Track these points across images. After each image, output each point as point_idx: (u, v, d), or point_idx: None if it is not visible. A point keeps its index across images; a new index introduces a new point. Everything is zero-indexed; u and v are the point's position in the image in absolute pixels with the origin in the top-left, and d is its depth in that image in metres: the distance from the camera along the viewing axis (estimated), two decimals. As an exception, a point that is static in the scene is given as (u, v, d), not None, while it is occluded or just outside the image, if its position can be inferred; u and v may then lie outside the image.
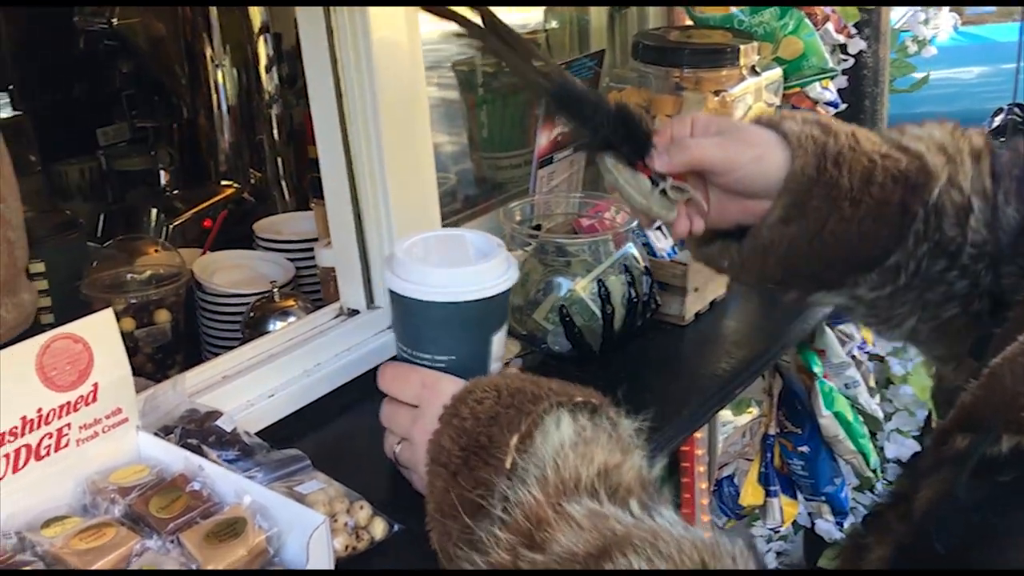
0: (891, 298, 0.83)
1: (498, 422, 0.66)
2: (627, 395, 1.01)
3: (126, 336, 1.22)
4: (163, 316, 1.23)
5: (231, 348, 1.09)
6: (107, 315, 0.79)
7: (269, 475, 0.84)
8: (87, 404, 0.78)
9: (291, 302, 1.17)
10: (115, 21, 1.70)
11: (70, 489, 0.78)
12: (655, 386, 1.05)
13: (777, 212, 0.82)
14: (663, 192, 0.83)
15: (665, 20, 1.55)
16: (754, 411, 1.55)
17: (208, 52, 1.85)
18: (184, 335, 1.27)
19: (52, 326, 1.28)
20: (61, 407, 0.76)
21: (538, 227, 1.14)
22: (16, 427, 0.74)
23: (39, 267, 1.24)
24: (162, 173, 1.89)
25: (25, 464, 0.75)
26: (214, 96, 1.88)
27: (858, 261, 0.82)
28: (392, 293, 0.82)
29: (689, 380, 1.06)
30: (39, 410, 0.75)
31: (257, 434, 0.91)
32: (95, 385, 0.78)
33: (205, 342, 1.29)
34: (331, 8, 1.00)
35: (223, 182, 1.90)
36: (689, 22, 1.44)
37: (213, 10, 1.81)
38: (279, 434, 0.95)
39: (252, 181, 1.93)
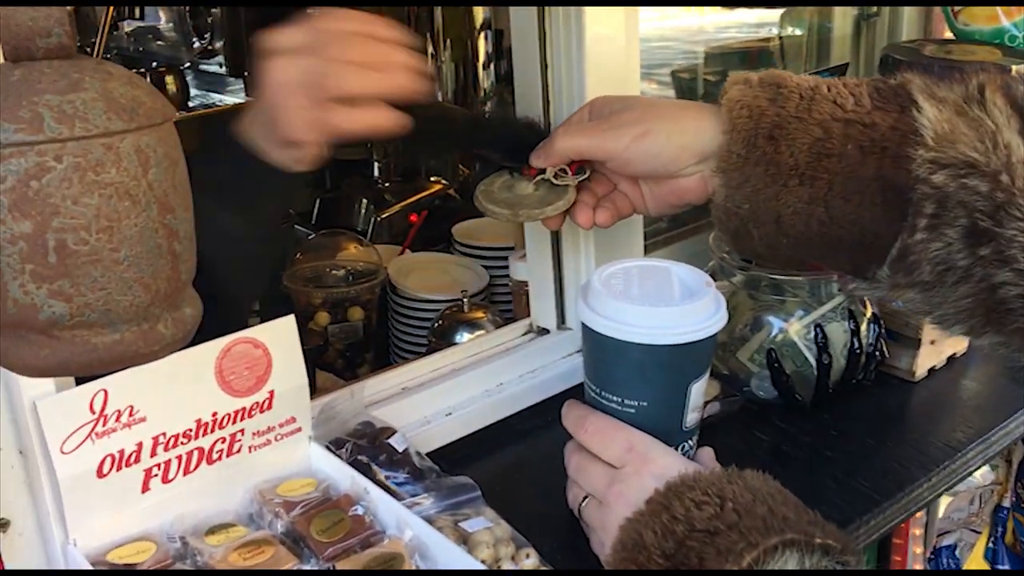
0: (929, 296, 0.69)
1: (715, 543, 0.58)
2: (837, 458, 0.90)
3: (319, 330, 1.22)
4: (357, 314, 1.22)
5: (419, 354, 1.06)
6: (288, 322, 0.77)
7: (437, 503, 0.79)
8: (262, 411, 0.76)
9: (480, 314, 1.13)
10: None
11: (238, 496, 0.76)
12: (872, 451, 0.92)
13: (719, 195, 0.74)
14: (549, 184, 0.81)
15: (920, 31, 1.39)
16: (987, 476, 1.37)
17: (428, 46, 1.85)
18: (376, 335, 1.26)
19: (257, 315, 1.32)
20: (236, 412, 0.75)
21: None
22: (190, 429, 0.73)
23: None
24: (375, 164, 1.92)
25: (196, 467, 0.74)
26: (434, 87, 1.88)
27: (852, 248, 0.71)
28: (584, 327, 0.75)
29: (915, 448, 0.93)
30: (214, 414, 0.74)
31: (429, 454, 0.87)
32: (271, 392, 0.76)
33: (394, 344, 1.27)
34: (546, 7, 0.95)
35: (432, 178, 1.90)
36: (949, 35, 1.27)
37: (437, 9, 1.81)
38: (452, 456, 0.91)
39: (460, 179, 1.92)
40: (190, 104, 1.89)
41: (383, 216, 1.77)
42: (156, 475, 0.72)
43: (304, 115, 0.69)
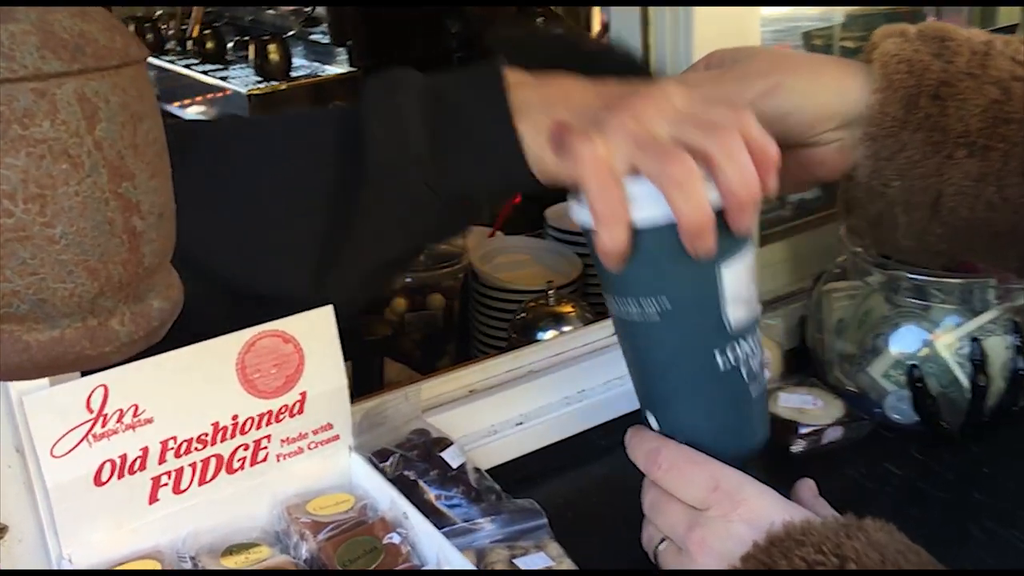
0: None
1: None
2: (989, 503, 0.74)
3: (396, 318, 1.12)
4: (437, 301, 1.11)
5: (502, 350, 0.94)
6: (325, 313, 0.66)
7: (494, 531, 0.68)
8: (292, 415, 0.66)
9: (569, 308, 1.00)
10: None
11: (264, 511, 0.66)
12: (1034, 499, 0.75)
13: (864, 169, 0.62)
14: None
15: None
16: None
17: (537, 14, 1.72)
18: (458, 325, 1.15)
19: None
20: (261, 416, 0.65)
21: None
22: (206, 434, 0.63)
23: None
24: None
25: (214, 477, 0.64)
26: (540, 62, 1.75)
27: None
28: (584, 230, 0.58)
29: (1086, 496, 0.75)
30: (234, 417, 0.64)
31: (492, 471, 0.75)
32: (303, 394, 0.66)
33: (475, 337, 1.16)
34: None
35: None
36: None
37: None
38: (518, 473, 0.79)
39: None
40: (292, 74, 1.83)
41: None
42: (166, 484, 0.62)
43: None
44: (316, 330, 0.66)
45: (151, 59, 2.14)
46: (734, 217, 0.53)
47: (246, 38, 1.83)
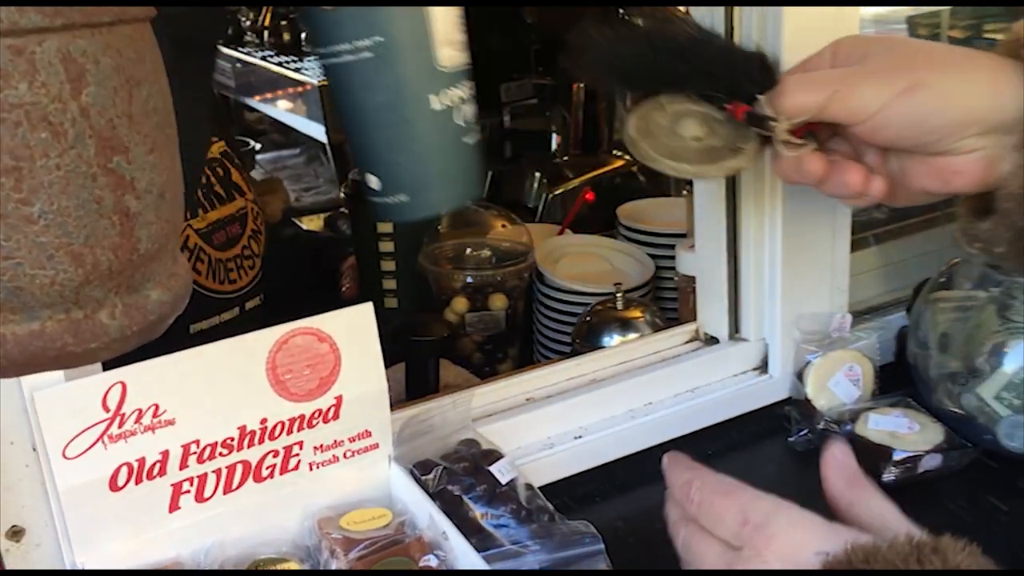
0: None
1: None
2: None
3: (457, 319, 1.07)
4: (499, 301, 1.05)
5: (565, 355, 0.88)
6: (364, 311, 0.61)
7: (543, 555, 0.62)
8: (326, 421, 0.61)
9: (637, 312, 0.93)
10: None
11: (294, 523, 0.61)
12: None
13: (1017, 180, 0.55)
14: (731, 129, 0.59)
15: None
16: None
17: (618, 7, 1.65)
18: (522, 327, 1.09)
19: (395, 297, 1.19)
20: (293, 420, 0.60)
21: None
22: (232, 438, 0.58)
23: (386, 226, 1.13)
24: (553, 136, 1.74)
25: (241, 485, 0.59)
26: (619, 56, 1.68)
27: None
28: None
29: None
30: (263, 421, 0.59)
31: (546, 488, 0.69)
32: (338, 398, 0.61)
33: (538, 341, 1.10)
34: None
35: (615, 152, 1.70)
36: None
37: (630, -42, 1.60)
38: (575, 491, 0.72)
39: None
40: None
41: (556, 193, 1.60)
42: (188, 491, 0.58)
43: None
44: (354, 328, 0.61)
45: (230, 50, 2.14)
46: None
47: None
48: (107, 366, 0.55)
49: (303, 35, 1.89)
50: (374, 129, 0.59)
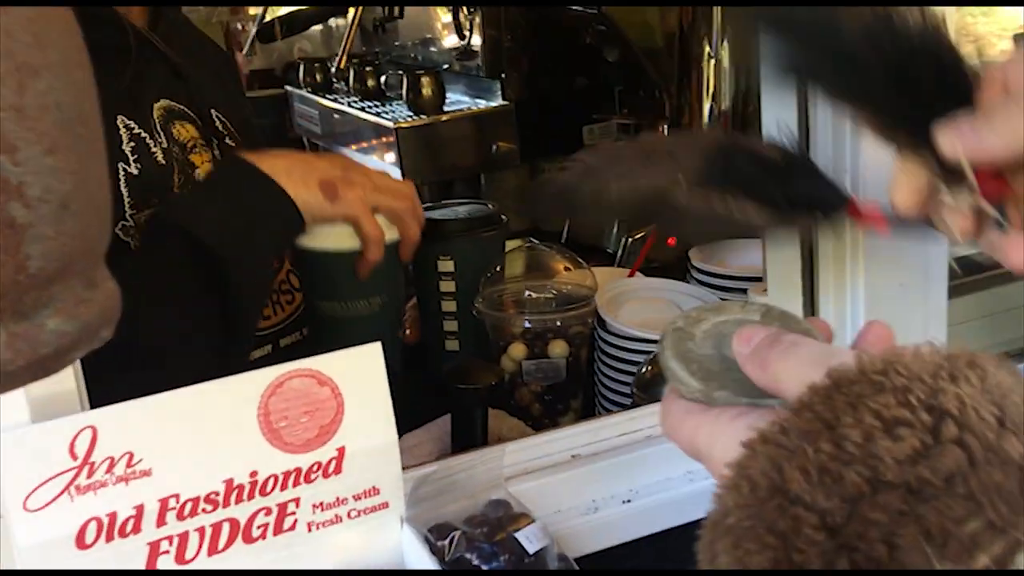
0: None
1: (924, 517, 0.28)
2: None
3: (513, 366, 0.99)
4: (559, 348, 0.97)
5: (626, 407, 0.80)
6: (371, 352, 0.54)
7: (572, 640, 0.53)
8: (327, 475, 0.54)
9: (705, 362, 0.83)
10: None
11: (290, 591, 0.55)
12: None
13: None
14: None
15: None
16: None
17: (705, 44, 1.57)
18: (585, 376, 1.01)
19: (456, 340, 1.12)
20: (288, 474, 0.53)
21: None
22: (217, 492, 0.52)
23: (447, 264, 1.07)
24: (636, 179, 1.66)
25: (227, 546, 0.53)
26: (705, 95, 1.60)
27: None
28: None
29: None
30: (254, 474, 0.53)
31: (585, 558, 0.61)
32: (341, 450, 0.54)
33: (600, 393, 1.01)
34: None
35: (701, 195, 1.61)
36: None
37: (717, -8, 1.53)
38: (620, 564, 0.64)
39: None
40: (445, 108, 1.76)
41: (636, 237, 1.51)
42: (166, 552, 0.51)
43: None
44: (360, 371, 0.54)
45: (317, 97, 2.15)
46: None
47: (400, 72, 1.78)
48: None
49: (384, 79, 1.87)
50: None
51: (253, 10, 2.90)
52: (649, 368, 0.86)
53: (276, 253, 0.92)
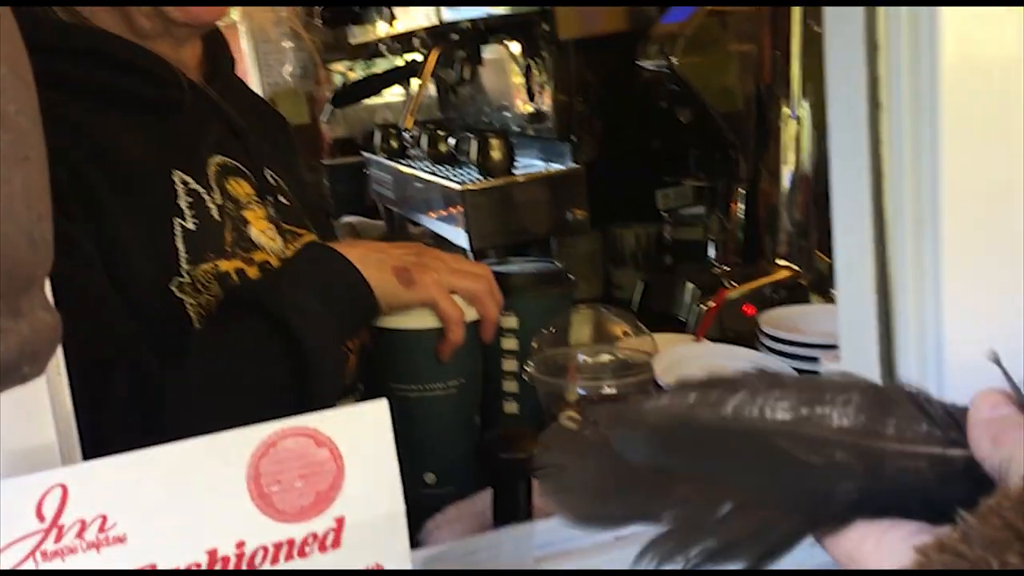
0: None
1: None
2: None
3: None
4: (616, 419, 0.91)
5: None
6: (377, 410, 0.49)
7: None
8: (323, 549, 0.48)
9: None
10: (675, 60, 1.45)
11: None
12: None
13: None
14: None
15: None
16: None
17: (783, 103, 1.51)
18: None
19: (515, 401, 1.06)
20: (279, 546, 0.48)
21: None
22: (199, 564, 0.46)
23: (510, 321, 1.02)
24: (710, 243, 1.60)
25: (209, 625, 0.47)
26: (784, 157, 1.53)
27: None
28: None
29: None
30: (240, 544, 0.47)
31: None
32: (340, 520, 0.48)
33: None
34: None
35: (779, 262, 1.53)
36: None
37: (795, 50, 1.47)
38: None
39: (817, 266, 1.53)
40: (514, 171, 1.73)
41: (708, 304, 1.44)
42: (141, 629, 0.46)
43: None
44: (362, 432, 0.48)
45: (392, 163, 2.15)
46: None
47: (470, 136, 1.76)
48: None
49: (455, 143, 1.86)
50: (443, 439, 0.92)
51: (336, 78, 2.96)
52: (708, 441, 0.78)
53: (351, 337, 0.92)
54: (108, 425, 0.73)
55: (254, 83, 3.01)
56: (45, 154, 0.29)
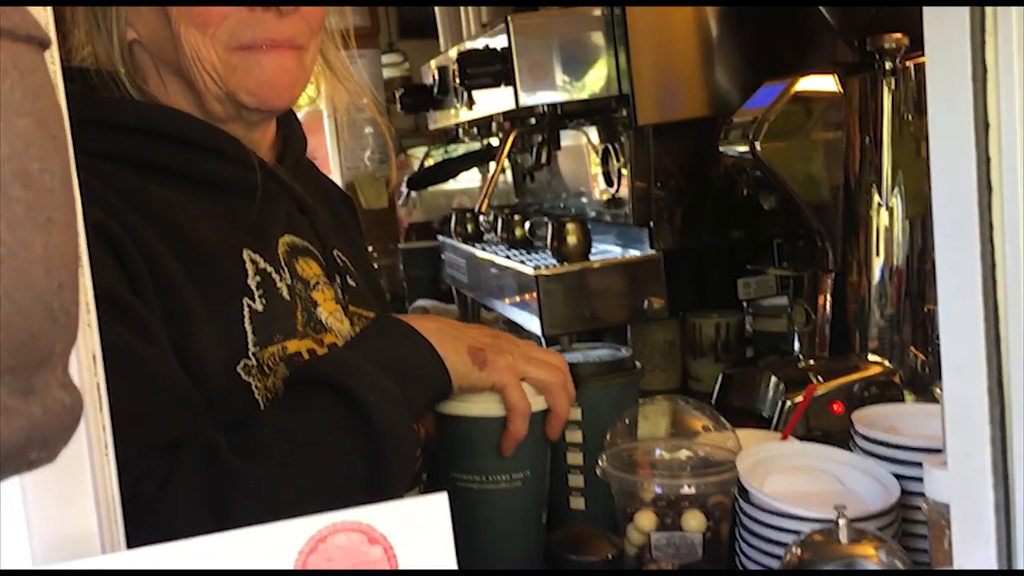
0: None
1: None
2: None
3: (642, 539, 0.86)
4: (695, 521, 0.84)
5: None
6: (436, 503, 0.45)
7: None
8: (373, 659, 0.44)
9: (869, 549, 0.68)
10: (758, 146, 1.41)
11: None
12: None
13: None
14: None
15: None
16: None
17: (873, 192, 1.46)
18: (725, 557, 0.87)
19: (582, 497, 1.01)
20: (325, 653, 0.43)
21: None
22: (237, 669, 0.42)
23: (575, 412, 0.97)
24: (795, 336, 1.53)
25: None
26: (874, 247, 1.47)
27: None
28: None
29: None
30: (283, 649, 0.43)
31: None
32: (392, 628, 0.44)
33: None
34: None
35: (871, 357, 1.46)
36: None
37: (886, 138, 1.42)
38: None
39: (911, 363, 1.45)
40: (591, 256, 1.69)
41: (795, 400, 1.37)
42: None
43: None
44: (419, 528, 0.44)
45: (466, 247, 2.14)
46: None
47: (546, 220, 1.74)
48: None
49: (530, 227, 1.84)
50: (507, 535, 0.89)
51: (415, 163, 3.00)
52: (799, 551, 0.71)
53: (422, 416, 0.89)
54: (167, 508, 0.70)
55: (335, 168, 3.07)
56: (75, 218, 0.27)
